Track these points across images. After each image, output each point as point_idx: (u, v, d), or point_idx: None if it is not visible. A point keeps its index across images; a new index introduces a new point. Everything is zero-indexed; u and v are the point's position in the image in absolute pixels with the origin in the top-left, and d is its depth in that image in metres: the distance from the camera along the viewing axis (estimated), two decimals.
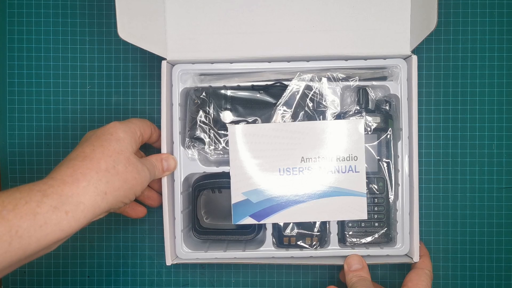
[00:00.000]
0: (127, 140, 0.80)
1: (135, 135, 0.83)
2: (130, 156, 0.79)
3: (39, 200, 0.67)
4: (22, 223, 0.64)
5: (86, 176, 0.72)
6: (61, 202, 0.68)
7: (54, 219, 0.67)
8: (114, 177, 0.75)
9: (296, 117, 0.93)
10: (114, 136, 0.79)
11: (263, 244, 0.95)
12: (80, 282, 1.05)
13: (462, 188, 1.03)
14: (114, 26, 0.91)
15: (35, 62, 1.03)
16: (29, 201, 0.66)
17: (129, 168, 0.77)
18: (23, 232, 0.64)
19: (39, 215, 0.65)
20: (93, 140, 0.78)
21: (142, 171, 0.80)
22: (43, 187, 0.68)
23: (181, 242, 0.94)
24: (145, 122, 0.89)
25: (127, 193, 0.77)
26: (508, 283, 1.03)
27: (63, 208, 0.68)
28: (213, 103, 0.93)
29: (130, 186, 0.77)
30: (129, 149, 0.80)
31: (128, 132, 0.82)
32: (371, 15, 0.92)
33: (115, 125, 0.82)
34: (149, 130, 0.89)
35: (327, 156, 0.91)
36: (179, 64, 0.93)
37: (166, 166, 0.90)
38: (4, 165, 1.04)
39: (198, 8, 0.92)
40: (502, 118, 1.02)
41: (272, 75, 0.94)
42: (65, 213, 0.68)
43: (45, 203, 0.67)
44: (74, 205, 0.69)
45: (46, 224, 0.66)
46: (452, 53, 1.03)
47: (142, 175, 0.80)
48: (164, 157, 0.90)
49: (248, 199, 0.92)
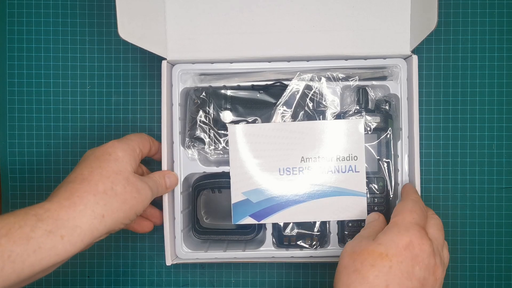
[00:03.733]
0: (126, 159, 0.80)
1: (134, 152, 0.83)
2: (130, 176, 0.79)
3: (34, 224, 0.66)
4: (15, 248, 0.63)
5: (83, 200, 0.71)
6: (56, 226, 0.68)
7: (49, 244, 0.66)
8: (112, 199, 0.74)
9: (296, 117, 0.93)
10: (113, 156, 0.79)
11: (263, 244, 0.96)
12: (80, 282, 1.05)
13: (462, 188, 1.03)
14: (114, 26, 0.91)
15: (35, 62, 1.03)
16: (23, 226, 0.65)
17: (127, 188, 0.77)
18: (15, 257, 0.63)
19: (33, 239, 0.65)
20: (91, 161, 0.78)
21: (143, 190, 0.80)
22: (39, 211, 0.68)
23: (181, 242, 0.94)
24: (143, 136, 0.89)
25: (127, 214, 0.76)
26: (508, 283, 1.03)
27: (59, 232, 0.67)
28: (213, 103, 0.94)
29: (129, 206, 0.76)
30: (128, 168, 0.79)
31: (127, 150, 0.81)
32: (371, 15, 0.92)
33: (114, 144, 0.81)
34: (147, 145, 0.89)
35: (327, 156, 0.91)
36: (179, 64, 0.93)
37: (168, 182, 0.90)
38: (4, 165, 1.04)
39: (198, 8, 0.92)
40: (502, 118, 1.02)
41: (272, 75, 0.94)
42: (60, 237, 0.67)
43: (40, 227, 0.66)
44: (70, 229, 0.68)
45: (40, 248, 0.65)
46: (452, 53, 1.03)
47: (143, 193, 0.79)
48: (166, 174, 0.90)
49: (248, 199, 0.92)
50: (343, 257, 0.76)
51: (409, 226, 0.76)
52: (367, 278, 0.70)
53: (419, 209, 0.80)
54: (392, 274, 0.70)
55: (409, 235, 0.74)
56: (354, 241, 0.78)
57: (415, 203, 0.81)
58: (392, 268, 0.71)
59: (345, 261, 0.74)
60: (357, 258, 0.73)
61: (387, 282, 0.69)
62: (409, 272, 0.71)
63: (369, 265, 0.71)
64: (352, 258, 0.73)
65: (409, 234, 0.74)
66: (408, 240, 0.73)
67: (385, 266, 0.71)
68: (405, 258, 0.72)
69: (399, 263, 0.71)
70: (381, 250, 0.72)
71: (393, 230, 0.75)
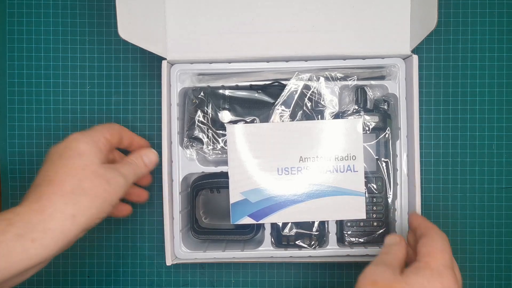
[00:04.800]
0: (90, 152, 0.77)
1: (99, 143, 0.79)
2: (97, 169, 0.76)
3: (3, 228, 0.66)
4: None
5: (52, 202, 0.70)
6: (27, 230, 0.67)
7: (19, 248, 0.66)
8: (81, 197, 0.72)
9: (295, 117, 0.93)
10: (76, 151, 0.76)
11: (262, 244, 0.96)
12: (80, 282, 1.05)
13: (462, 188, 1.03)
14: (114, 26, 0.91)
15: (35, 62, 1.03)
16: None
17: (96, 182, 0.74)
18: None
19: (2, 243, 0.65)
20: (55, 160, 0.75)
21: (113, 179, 0.77)
22: (10, 216, 0.68)
23: (179, 242, 0.94)
24: (112, 126, 0.86)
25: (101, 208, 0.74)
26: (508, 283, 1.03)
27: (29, 236, 0.66)
28: (211, 103, 0.94)
29: (101, 200, 0.74)
30: (95, 161, 0.76)
31: (90, 142, 0.78)
32: (371, 15, 0.92)
33: (75, 137, 0.78)
34: (116, 134, 0.85)
35: (326, 156, 0.91)
36: (178, 64, 0.93)
37: (147, 161, 0.86)
38: (4, 165, 1.04)
39: (198, 8, 0.92)
40: (502, 118, 1.02)
41: (270, 74, 0.94)
42: (31, 241, 0.66)
43: (9, 231, 0.66)
44: (41, 233, 0.67)
45: (10, 253, 0.65)
46: (452, 53, 1.03)
47: (114, 183, 0.77)
48: (143, 152, 0.87)
49: (246, 199, 0.92)
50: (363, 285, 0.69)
51: (443, 271, 0.69)
52: None
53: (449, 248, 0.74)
54: None
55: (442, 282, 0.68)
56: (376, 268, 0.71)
57: (444, 241, 0.74)
58: None
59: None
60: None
61: None
62: None
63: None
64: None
65: (442, 280, 0.68)
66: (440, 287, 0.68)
67: None
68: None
69: None
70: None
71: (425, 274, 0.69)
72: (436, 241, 0.74)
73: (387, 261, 0.73)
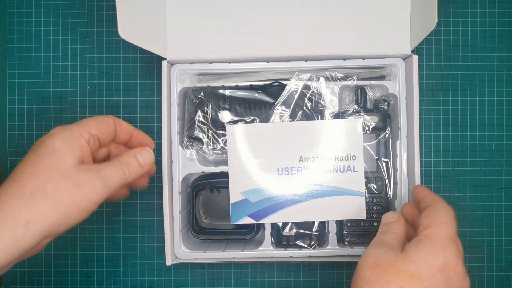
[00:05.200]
0: (65, 150, 0.69)
1: (79, 139, 0.72)
2: (67, 169, 0.68)
3: None
4: None
5: (6, 205, 0.63)
6: None
7: None
8: (38, 202, 0.64)
9: (295, 117, 0.93)
10: (49, 148, 0.68)
11: (262, 244, 0.96)
12: (80, 282, 1.05)
13: (462, 188, 1.03)
14: (114, 26, 0.91)
15: (35, 62, 1.03)
16: None
17: (61, 185, 0.66)
18: None
19: None
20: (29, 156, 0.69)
21: (87, 183, 0.68)
22: None
23: (179, 242, 0.94)
24: (103, 119, 0.78)
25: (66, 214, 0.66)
26: (508, 283, 1.03)
27: None
28: (211, 103, 0.94)
29: (67, 205, 0.66)
30: (67, 161, 0.68)
31: (68, 138, 0.70)
32: (371, 15, 0.92)
33: (55, 132, 0.71)
34: (108, 128, 0.78)
35: (326, 156, 0.91)
36: (178, 64, 0.93)
37: (142, 160, 0.78)
38: (4, 165, 1.04)
39: (198, 8, 0.92)
40: (502, 118, 1.02)
41: (270, 74, 0.94)
42: None
43: None
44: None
45: None
46: (452, 53, 1.03)
47: (87, 188, 0.68)
48: (137, 151, 0.78)
49: (246, 199, 0.92)
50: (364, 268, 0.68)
51: (445, 244, 0.67)
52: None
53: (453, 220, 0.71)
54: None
55: (445, 255, 0.66)
56: (377, 249, 0.70)
57: (449, 213, 0.72)
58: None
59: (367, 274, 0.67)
60: (383, 274, 0.65)
61: None
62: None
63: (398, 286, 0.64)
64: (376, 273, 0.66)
65: (445, 253, 0.66)
66: (444, 261, 0.66)
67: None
68: (438, 282, 0.65)
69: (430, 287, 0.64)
70: (412, 270, 0.65)
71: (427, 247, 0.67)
72: (439, 212, 0.72)
73: (386, 241, 0.72)
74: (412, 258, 0.66)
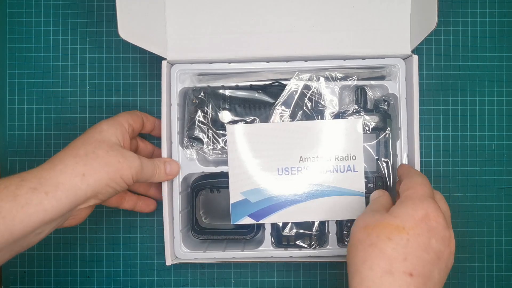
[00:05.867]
0: (110, 131, 0.81)
1: (121, 127, 0.84)
2: (114, 144, 0.80)
3: (18, 183, 0.69)
4: (3, 204, 0.66)
5: (63, 160, 0.74)
6: (39, 184, 0.70)
7: (35, 199, 0.68)
8: (92, 160, 0.75)
9: (295, 117, 0.93)
10: (97, 128, 0.81)
11: (262, 244, 0.95)
12: (80, 282, 1.05)
13: (462, 188, 1.03)
14: (114, 26, 0.91)
15: (35, 62, 1.03)
16: (8, 186, 0.68)
17: (111, 152, 0.78)
18: (6, 212, 0.66)
19: (19, 196, 0.67)
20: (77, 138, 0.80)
21: (130, 157, 0.80)
22: (22, 174, 0.71)
23: (179, 242, 0.94)
24: (134, 113, 0.90)
25: (111, 176, 0.77)
26: (508, 283, 1.03)
27: (42, 189, 0.69)
28: (212, 103, 0.93)
29: (114, 169, 0.77)
30: (113, 139, 0.81)
31: (113, 124, 0.83)
32: (371, 15, 0.91)
33: (101, 121, 0.84)
34: (139, 121, 0.90)
35: (326, 156, 0.91)
36: (177, 64, 0.93)
37: (169, 169, 0.90)
38: (4, 165, 1.04)
39: (198, 8, 0.92)
40: (502, 118, 1.02)
41: (271, 74, 0.94)
42: (45, 193, 0.69)
43: (24, 185, 0.69)
44: (53, 186, 0.70)
45: (27, 204, 0.68)
46: (452, 53, 1.03)
47: (130, 160, 0.80)
48: (167, 160, 0.91)
49: (246, 199, 0.92)
50: (356, 232, 0.73)
51: (423, 198, 0.74)
52: (384, 252, 0.68)
53: (428, 183, 0.78)
54: (409, 247, 0.68)
55: (425, 208, 0.72)
56: (365, 215, 0.76)
57: (423, 178, 0.79)
58: (409, 241, 0.69)
59: (358, 235, 0.72)
60: (372, 231, 0.71)
61: (405, 255, 0.68)
62: (426, 244, 0.69)
63: (386, 238, 0.69)
64: (366, 232, 0.72)
65: (424, 206, 0.72)
66: (424, 212, 0.71)
67: (403, 239, 0.69)
68: (422, 230, 0.70)
69: (416, 235, 0.69)
70: (397, 223, 0.71)
71: (408, 203, 0.73)
72: (416, 178, 0.79)
73: (374, 208, 0.79)
74: (396, 214, 0.72)
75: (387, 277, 0.66)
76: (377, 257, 0.68)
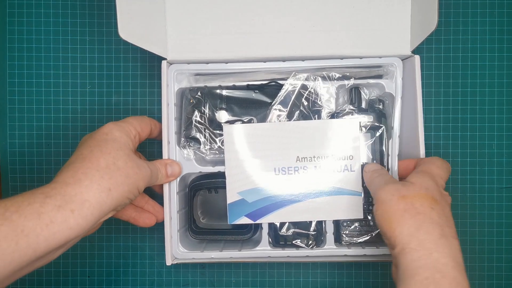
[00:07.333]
0: (123, 139, 0.80)
1: (130, 134, 0.83)
2: (130, 153, 0.79)
3: (42, 201, 0.67)
4: (26, 222, 0.64)
5: (88, 175, 0.72)
6: (65, 201, 0.68)
7: (60, 218, 0.67)
8: (115, 173, 0.75)
9: (292, 117, 0.93)
10: (110, 136, 0.79)
11: (259, 244, 0.95)
12: (80, 282, 1.06)
13: (462, 188, 1.03)
14: (114, 26, 0.92)
15: (35, 62, 1.04)
16: (32, 203, 0.66)
17: (129, 163, 0.77)
18: (29, 231, 0.64)
19: (43, 214, 0.66)
20: (89, 142, 0.78)
21: (143, 167, 0.80)
22: (46, 190, 0.69)
23: (177, 242, 0.94)
24: (143, 119, 0.89)
25: (131, 188, 0.77)
26: (508, 283, 1.03)
27: (68, 207, 0.68)
28: (209, 102, 0.94)
29: (132, 181, 0.77)
30: (127, 147, 0.80)
31: (123, 131, 0.81)
32: (371, 15, 0.91)
33: (110, 125, 0.81)
34: (147, 128, 0.89)
35: (323, 156, 0.91)
36: (175, 64, 0.93)
37: (170, 171, 0.90)
38: (4, 165, 1.04)
39: (198, 8, 0.92)
40: (502, 118, 1.02)
41: (268, 74, 0.94)
42: (70, 211, 0.68)
43: (49, 203, 0.67)
44: (79, 204, 0.69)
45: (52, 223, 0.66)
46: (452, 53, 1.03)
47: (143, 170, 0.80)
48: (168, 162, 0.91)
49: (243, 199, 0.92)
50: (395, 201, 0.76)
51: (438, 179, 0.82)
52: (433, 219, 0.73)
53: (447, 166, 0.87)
54: (444, 216, 0.75)
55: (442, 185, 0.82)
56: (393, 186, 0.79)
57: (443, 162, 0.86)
58: (444, 211, 0.75)
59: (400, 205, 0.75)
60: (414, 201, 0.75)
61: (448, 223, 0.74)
62: (448, 217, 0.76)
63: (429, 207, 0.74)
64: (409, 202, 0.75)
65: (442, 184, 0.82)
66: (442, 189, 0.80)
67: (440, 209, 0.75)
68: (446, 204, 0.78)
69: (443, 207, 0.76)
70: (432, 195, 0.77)
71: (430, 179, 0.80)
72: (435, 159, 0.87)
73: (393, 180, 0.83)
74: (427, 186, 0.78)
75: (443, 240, 0.71)
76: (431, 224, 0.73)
